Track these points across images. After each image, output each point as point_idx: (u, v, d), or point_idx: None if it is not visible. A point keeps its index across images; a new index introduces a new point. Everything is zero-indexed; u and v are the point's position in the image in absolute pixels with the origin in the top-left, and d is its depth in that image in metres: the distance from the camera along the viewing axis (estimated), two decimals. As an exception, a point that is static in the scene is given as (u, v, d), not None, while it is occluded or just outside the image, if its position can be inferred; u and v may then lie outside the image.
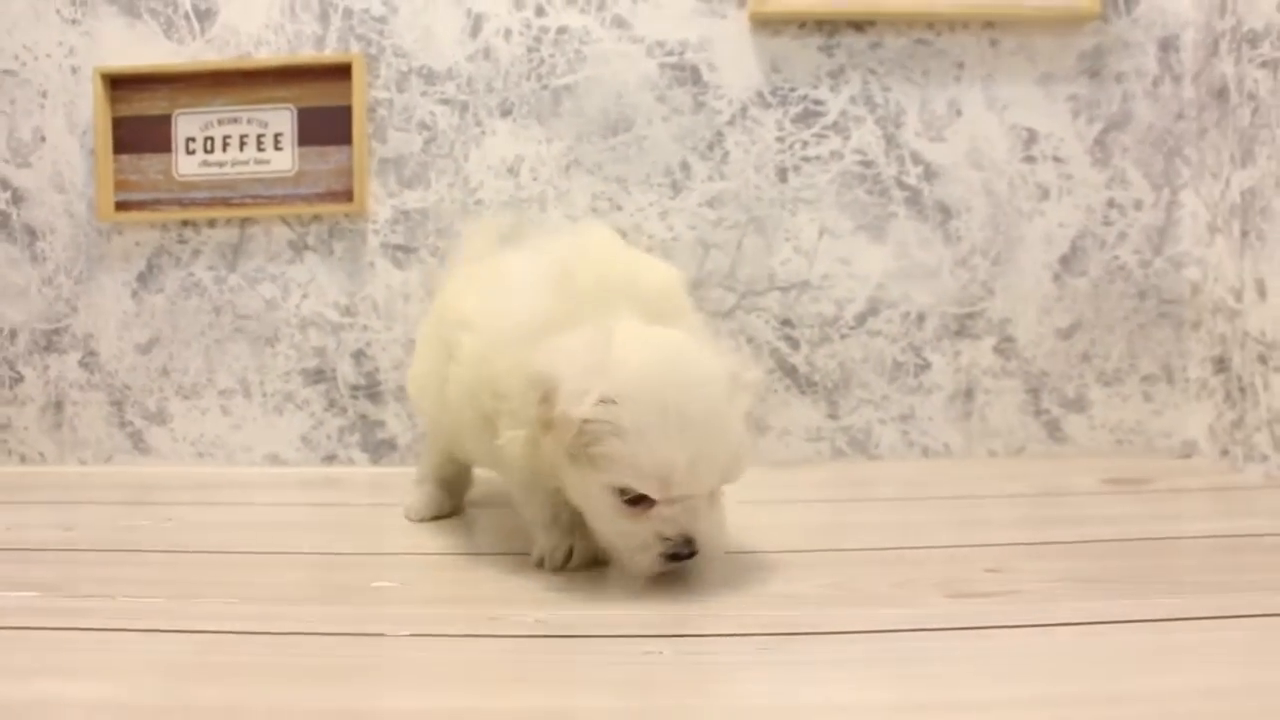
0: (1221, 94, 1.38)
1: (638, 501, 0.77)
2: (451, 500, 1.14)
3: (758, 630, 0.70)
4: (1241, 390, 1.34)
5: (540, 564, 0.87)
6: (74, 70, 1.52)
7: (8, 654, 0.67)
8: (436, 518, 1.11)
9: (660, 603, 0.77)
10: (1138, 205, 1.47)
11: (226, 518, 1.18)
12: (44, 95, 1.53)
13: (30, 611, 0.77)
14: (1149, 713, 0.55)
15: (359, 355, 1.51)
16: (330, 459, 1.52)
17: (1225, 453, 1.38)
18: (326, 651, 0.67)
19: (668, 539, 0.77)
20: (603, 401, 0.74)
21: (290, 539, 1.05)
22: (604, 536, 0.81)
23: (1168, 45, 1.46)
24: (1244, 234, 1.33)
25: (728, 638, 0.69)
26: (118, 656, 0.66)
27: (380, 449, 1.51)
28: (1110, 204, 1.47)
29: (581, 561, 0.86)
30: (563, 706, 0.58)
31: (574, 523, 0.86)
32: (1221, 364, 1.40)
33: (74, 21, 1.52)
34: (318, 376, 1.52)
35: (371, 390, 1.51)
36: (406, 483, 1.12)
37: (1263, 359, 1.29)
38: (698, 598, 0.79)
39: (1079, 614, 0.72)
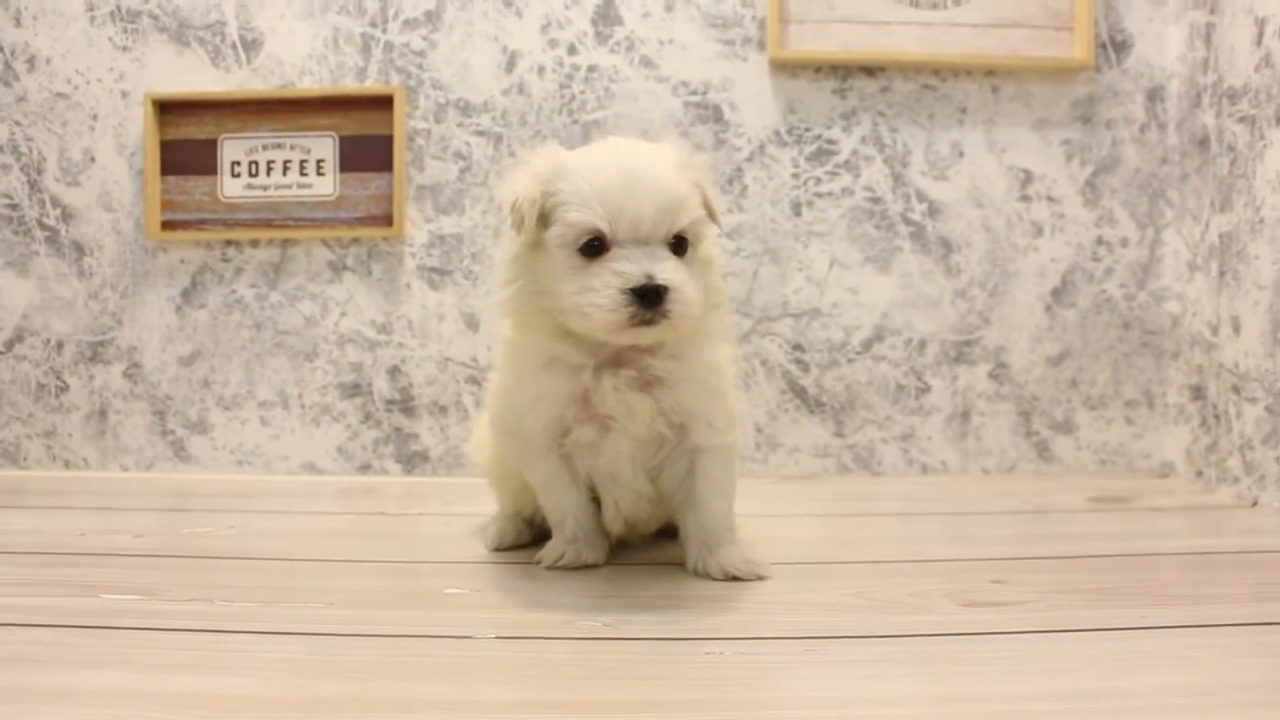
0: (1203, 143, 1.50)
1: (594, 252, 0.85)
2: (530, 530, 1.13)
3: (802, 634, 0.80)
4: (1216, 417, 1.46)
5: (538, 561, 1.01)
6: (124, 95, 1.60)
7: (144, 651, 0.76)
8: (515, 546, 1.11)
9: (713, 610, 0.87)
10: (1124, 243, 1.59)
11: (281, 525, 1.26)
12: (94, 118, 1.61)
13: (142, 614, 0.86)
14: (1139, 706, 0.65)
15: (394, 371, 1.60)
16: (365, 469, 1.61)
17: (1200, 474, 1.50)
18: (426, 652, 0.76)
19: (624, 274, 0.83)
20: (554, 175, 0.87)
21: (350, 547, 1.14)
22: (574, 307, 0.85)
23: (1154, 95, 1.58)
24: (1221, 274, 1.44)
25: (778, 640, 0.79)
26: (242, 656, 0.75)
27: (413, 460, 1.60)
28: (1099, 241, 1.59)
29: (569, 563, 0.99)
30: (642, 699, 0.67)
31: (576, 533, 1.00)
32: (1198, 392, 1.51)
33: (125, 48, 1.60)
34: (354, 390, 1.61)
35: (405, 405, 1.60)
36: (439, 491, 1.19)
37: (1236, 389, 1.40)
38: (744, 605, 0.88)
39: (1075, 621, 0.83)
